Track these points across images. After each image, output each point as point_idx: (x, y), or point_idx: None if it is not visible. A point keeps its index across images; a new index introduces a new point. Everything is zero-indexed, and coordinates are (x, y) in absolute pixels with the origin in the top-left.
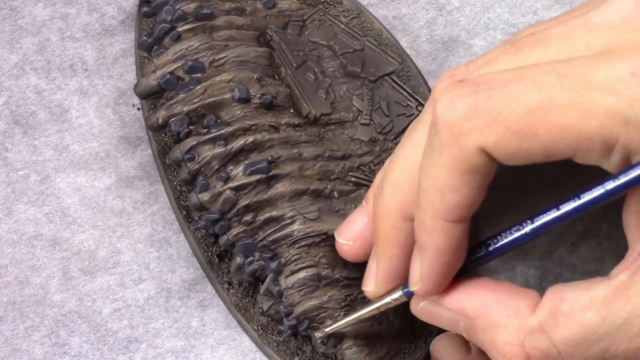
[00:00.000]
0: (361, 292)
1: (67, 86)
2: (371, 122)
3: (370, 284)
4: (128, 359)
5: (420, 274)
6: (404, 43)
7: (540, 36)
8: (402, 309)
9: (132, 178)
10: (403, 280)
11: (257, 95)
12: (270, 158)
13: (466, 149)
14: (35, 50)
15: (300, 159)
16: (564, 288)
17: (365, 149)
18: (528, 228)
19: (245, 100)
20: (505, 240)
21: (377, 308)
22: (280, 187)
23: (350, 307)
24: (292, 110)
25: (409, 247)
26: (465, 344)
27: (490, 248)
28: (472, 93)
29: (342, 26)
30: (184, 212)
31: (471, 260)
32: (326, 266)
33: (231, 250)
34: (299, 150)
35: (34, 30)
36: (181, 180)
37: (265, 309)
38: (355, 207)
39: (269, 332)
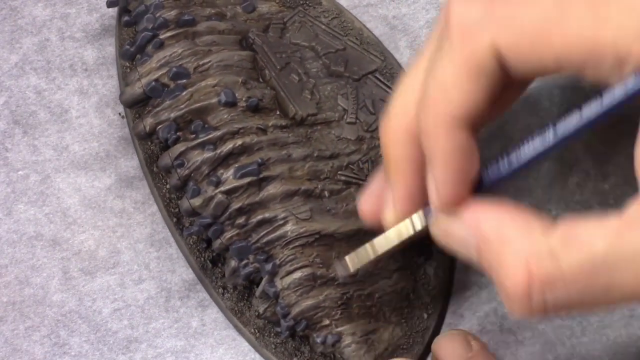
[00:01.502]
0: (357, 289)
1: (67, 86)
2: (357, 121)
3: (389, 212)
4: (128, 359)
5: (435, 186)
6: (403, 43)
7: None
8: (399, 305)
9: (132, 178)
10: (420, 206)
11: (243, 99)
12: (260, 160)
13: (478, 47)
14: (35, 50)
15: (289, 160)
16: (578, 219)
17: (352, 148)
18: (551, 134)
19: (231, 104)
20: (528, 149)
21: (398, 236)
22: (272, 189)
23: (346, 306)
24: (278, 112)
25: (421, 167)
26: (466, 342)
27: (511, 157)
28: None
29: (323, 27)
30: (175, 219)
31: (490, 174)
32: (321, 265)
33: (224, 255)
34: (288, 151)
35: (34, 30)
36: (172, 186)
37: (261, 311)
38: (346, 205)
39: (266, 334)
